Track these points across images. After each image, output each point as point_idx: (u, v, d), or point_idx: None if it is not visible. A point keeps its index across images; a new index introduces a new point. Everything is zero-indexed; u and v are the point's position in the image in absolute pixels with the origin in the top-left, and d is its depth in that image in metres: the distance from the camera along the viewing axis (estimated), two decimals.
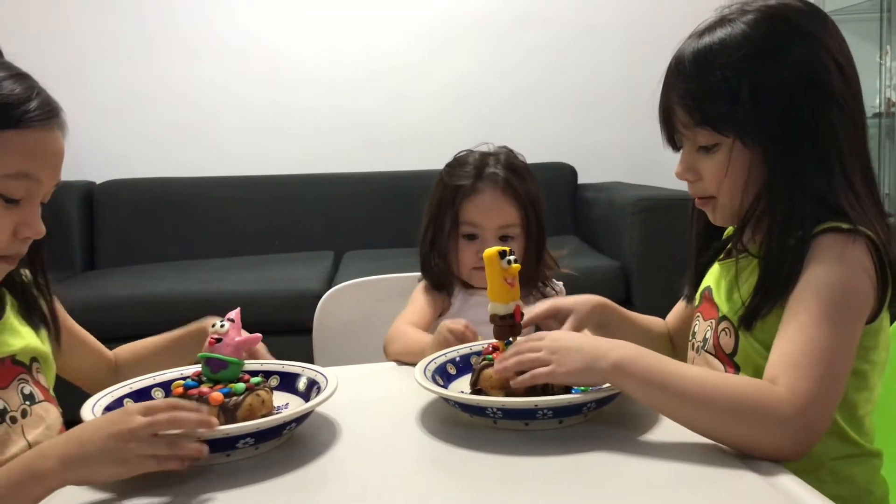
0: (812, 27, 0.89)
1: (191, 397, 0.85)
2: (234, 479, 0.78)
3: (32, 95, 0.85)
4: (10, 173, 0.83)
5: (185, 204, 3.15)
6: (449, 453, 0.84)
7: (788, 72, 0.87)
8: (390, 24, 3.32)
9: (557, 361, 0.85)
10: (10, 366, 0.91)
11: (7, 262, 0.89)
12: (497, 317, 0.97)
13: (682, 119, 0.92)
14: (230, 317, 0.90)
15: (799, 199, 0.87)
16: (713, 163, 0.91)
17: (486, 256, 0.95)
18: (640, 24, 3.35)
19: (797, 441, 0.76)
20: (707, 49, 0.89)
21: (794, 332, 0.81)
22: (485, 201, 1.31)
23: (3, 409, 0.88)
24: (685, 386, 0.79)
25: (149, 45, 3.25)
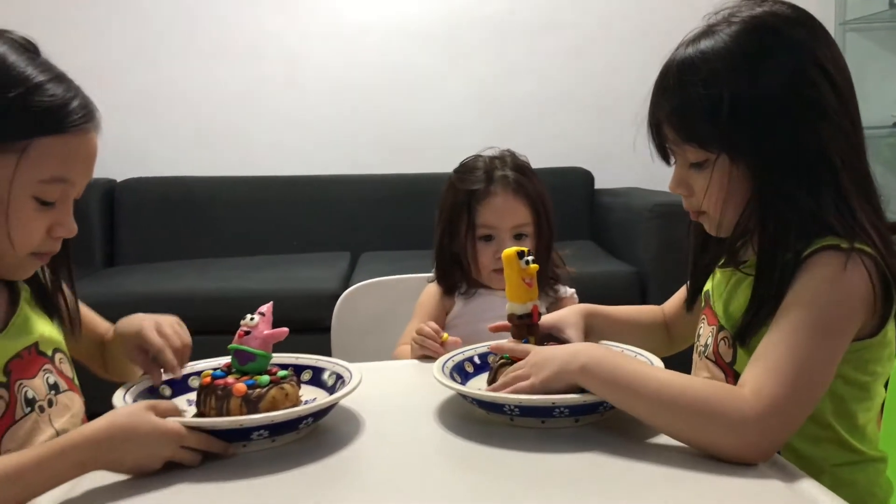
0: (799, 36, 0.86)
1: (217, 387, 0.87)
2: (251, 469, 0.81)
3: (73, 99, 0.86)
4: (46, 178, 0.85)
5: (205, 203, 3.19)
6: (467, 449, 0.86)
7: (771, 84, 0.84)
8: (410, 27, 3.35)
9: (535, 373, 0.88)
10: (35, 356, 0.93)
11: (40, 259, 0.91)
12: (515, 316, 0.99)
13: (670, 135, 0.91)
14: (261, 311, 0.92)
15: (788, 215, 0.85)
16: (703, 179, 0.90)
17: (505, 257, 0.97)
18: (660, 30, 3.35)
19: (756, 443, 0.76)
20: (690, 62, 0.88)
21: (772, 341, 0.81)
22: (497, 203, 1.35)
23: (32, 398, 0.90)
24: (649, 387, 0.81)
25: (172, 47, 3.30)
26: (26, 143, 0.83)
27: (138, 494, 0.75)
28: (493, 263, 1.35)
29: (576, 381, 0.86)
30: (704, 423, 0.78)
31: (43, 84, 0.84)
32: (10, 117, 0.82)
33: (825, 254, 0.83)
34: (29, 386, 0.90)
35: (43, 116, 0.84)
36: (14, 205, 0.84)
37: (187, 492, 0.76)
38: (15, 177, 0.83)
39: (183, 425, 0.81)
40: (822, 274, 0.82)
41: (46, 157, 0.84)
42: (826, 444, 0.89)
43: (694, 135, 0.88)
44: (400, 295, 1.57)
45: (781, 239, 0.86)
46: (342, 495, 0.78)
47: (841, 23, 3.32)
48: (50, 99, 0.84)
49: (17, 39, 0.87)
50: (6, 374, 0.87)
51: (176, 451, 0.80)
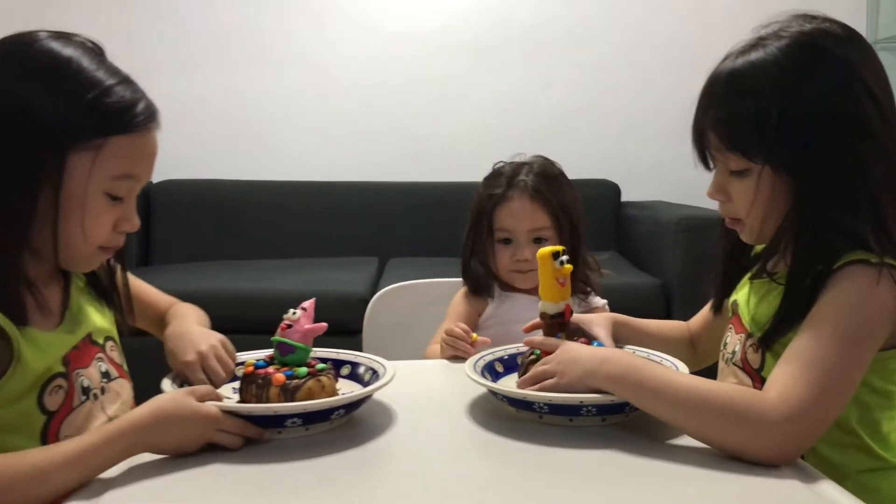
0: (846, 55, 0.89)
1: (258, 377, 0.92)
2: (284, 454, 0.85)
3: (140, 100, 0.91)
4: (117, 175, 0.90)
5: (237, 206, 3.26)
6: (496, 443, 0.89)
7: (818, 101, 0.87)
8: (442, 38, 3.40)
9: (560, 373, 0.92)
10: (89, 345, 0.98)
11: (106, 252, 0.96)
12: (547, 315, 1.02)
13: (714, 143, 0.93)
14: (303, 306, 0.96)
15: (824, 228, 0.87)
16: (743, 187, 0.93)
17: (540, 256, 1.00)
18: (689, 45, 3.37)
19: (781, 447, 0.79)
20: (739, 73, 0.90)
21: (800, 348, 0.83)
22: (514, 207, 1.39)
23: (87, 386, 0.95)
24: (676, 392, 0.83)
25: (207, 53, 3.38)
26: (101, 141, 0.88)
27: (178, 471, 0.80)
28: (511, 265, 1.40)
29: (602, 388, 0.89)
30: (730, 426, 0.80)
31: (113, 86, 0.89)
32: (89, 118, 0.87)
33: (856, 267, 0.86)
34: (84, 375, 0.95)
35: (115, 117, 0.88)
36: (89, 200, 0.89)
37: (223, 471, 0.81)
38: (91, 173, 0.88)
39: (220, 410, 0.85)
40: (851, 286, 0.85)
41: (118, 155, 0.89)
42: (851, 451, 0.91)
43: (738, 144, 0.91)
44: (430, 298, 1.60)
45: (816, 251, 0.88)
46: (372, 482, 0.81)
47: (873, 41, 3.32)
48: (120, 100, 0.89)
49: (86, 43, 0.92)
50: (65, 365, 0.92)
51: (214, 434, 0.85)
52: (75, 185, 0.87)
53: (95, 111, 0.87)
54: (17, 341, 0.86)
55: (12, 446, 0.83)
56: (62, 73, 0.87)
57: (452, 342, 1.25)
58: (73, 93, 0.86)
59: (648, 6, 3.41)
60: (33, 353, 0.87)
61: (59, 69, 0.87)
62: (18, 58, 0.87)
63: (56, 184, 0.86)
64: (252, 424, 0.87)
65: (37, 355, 0.88)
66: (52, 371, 0.90)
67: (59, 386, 0.91)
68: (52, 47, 0.88)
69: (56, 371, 0.91)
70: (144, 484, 0.78)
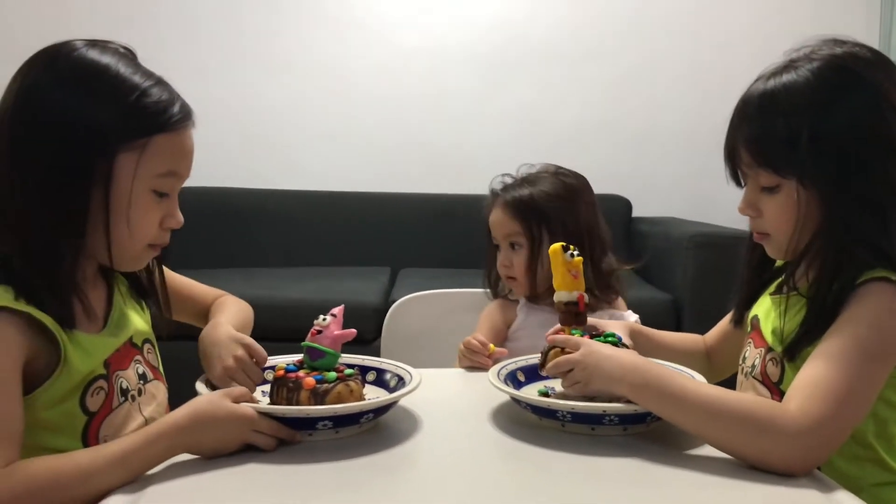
0: (876, 77, 0.92)
1: (288, 380, 0.94)
2: (315, 455, 0.88)
3: (176, 99, 0.95)
4: (162, 172, 0.93)
5: (249, 214, 3.29)
6: (519, 449, 0.92)
7: (848, 121, 0.90)
8: (457, 52, 3.44)
9: (584, 381, 0.95)
10: (129, 348, 1.01)
11: (154, 250, 0.99)
12: (562, 303, 1.07)
13: (746, 159, 0.97)
14: (333, 312, 0.99)
15: (851, 245, 0.90)
16: (774, 203, 0.96)
17: (551, 251, 1.07)
18: (701, 64, 3.41)
19: (800, 458, 0.81)
20: (772, 94, 0.94)
21: (820, 361, 0.86)
22: (493, 216, 1.48)
23: (126, 388, 0.97)
24: (700, 401, 0.86)
25: (224, 61, 3.42)
26: (145, 140, 0.91)
27: (216, 470, 0.83)
28: (503, 271, 1.46)
29: (625, 396, 0.91)
30: (751, 436, 0.82)
31: (151, 87, 0.93)
32: (132, 120, 0.91)
33: (878, 284, 0.88)
34: (123, 377, 0.98)
35: (156, 116, 0.92)
36: (136, 198, 0.92)
37: (257, 471, 0.84)
38: (137, 172, 0.91)
39: (256, 411, 0.88)
40: (872, 303, 0.88)
41: (161, 153, 0.93)
42: (866, 464, 0.93)
43: (770, 161, 0.94)
44: (449, 308, 1.63)
45: (841, 266, 0.91)
46: (399, 485, 0.83)
47: None
48: (158, 101, 0.92)
49: (119, 49, 0.96)
50: (106, 367, 0.95)
51: (250, 435, 0.87)
52: (124, 185, 0.91)
53: (138, 113, 0.91)
54: (64, 344, 0.88)
55: (55, 446, 0.86)
56: (104, 80, 0.90)
57: (469, 354, 1.28)
58: (115, 97, 0.90)
59: (662, 25, 3.44)
60: (79, 355, 0.90)
61: (101, 76, 0.90)
62: (61, 68, 0.90)
63: (106, 185, 0.89)
64: (285, 426, 0.90)
65: (82, 358, 0.90)
66: (94, 373, 0.92)
67: (101, 388, 0.93)
68: (91, 56, 0.91)
69: (98, 373, 0.93)
70: (183, 482, 0.80)
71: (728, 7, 3.43)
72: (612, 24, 3.44)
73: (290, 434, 0.90)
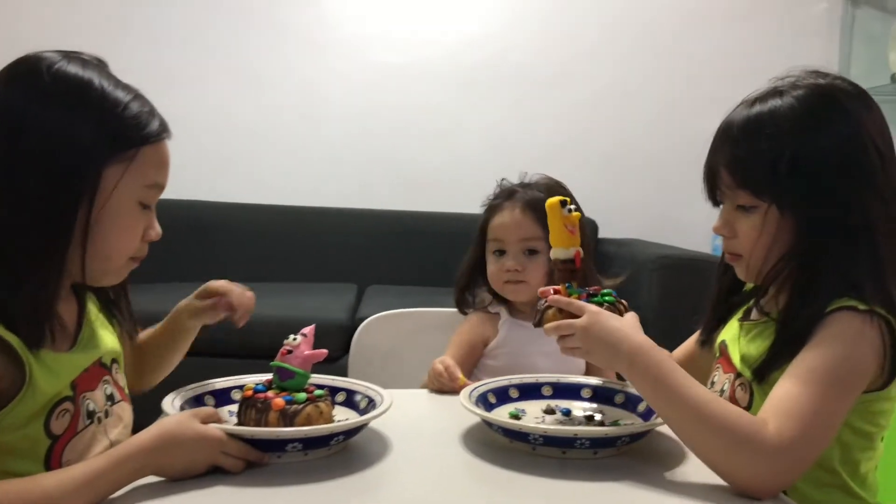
0: (856, 109, 0.95)
1: (257, 400, 0.93)
2: (284, 478, 0.86)
3: (154, 111, 0.95)
4: (148, 184, 0.94)
5: (217, 228, 3.25)
6: (490, 472, 0.91)
7: (829, 149, 0.93)
8: (430, 71, 3.45)
9: (585, 349, 0.94)
10: (99, 368, 0.98)
11: (134, 262, 0.98)
12: (559, 261, 1.04)
13: (726, 180, 0.98)
14: (304, 332, 0.98)
15: (823, 271, 0.92)
16: (749, 223, 0.98)
17: (549, 205, 1.03)
18: (670, 88, 3.48)
19: (773, 479, 0.82)
20: (756, 118, 0.96)
21: (792, 385, 0.87)
22: (505, 216, 1.42)
23: (93, 409, 0.94)
24: (692, 402, 0.86)
25: (193, 73, 3.38)
26: (133, 153, 0.91)
27: (180, 493, 0.81)
28: (502, 276, 1.41)
29: (623, 374, 0.92)
30: (730, 447, 0.83)
31: (132, 101, 0.92)
32: (120, 132, 0.90)
33: (846, 313, 0.90)
34: (91, 398, 0.95)
35: (140, 129, 0.92)
36: (124, 211, 0.92)
37: (225, 493, 0.82)
38: (125, 185, 0.91)
39: (224, 433, 0.86)
40: (840, 331, 0.89)
41: (147, 165, 0.93)
42: (832, 490, 0.95)
43: (749, 181, 0.95)
44: (418, 327, 1.62)
45: (811, 295, 0.92)
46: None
47: None
48: (140, 113, 0.92)
49: (93, 61, 0.94)
50: (72, 388, 0.91)
51: (218, 457, 0.86)
52: (112, 200, 0.90)
53: (123, 126, 0.90)
54: (30, 366, 0.85)
55: (16, 470, 0.83)
56: (89, 95, 0.89)
57: (438, 379, 1.26)
58: (101, 112, 0.89)
59: (632, 49, 3.50)
60: (45, 376, 0.87)
61: (86, 92, 0.89)
62: (44, 84, 0.88)
63: (91, 201, 0.88)
64: (253, 448, 0.88)
65: (49, 379, 0.87)
66: (60, 395, 0.89)
67: (66, 410, 0.90)
68: (71, 71, 0.89)
69: (64, 395, 0.90)
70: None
71: (694, 33, 3.50)
72: (582, 46, 3.49)
73: (258, 456, 0.89)
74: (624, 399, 1.08)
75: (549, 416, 1.06)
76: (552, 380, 1.15)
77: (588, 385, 1.13)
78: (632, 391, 1.08)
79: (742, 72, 3.67)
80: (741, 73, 3.71)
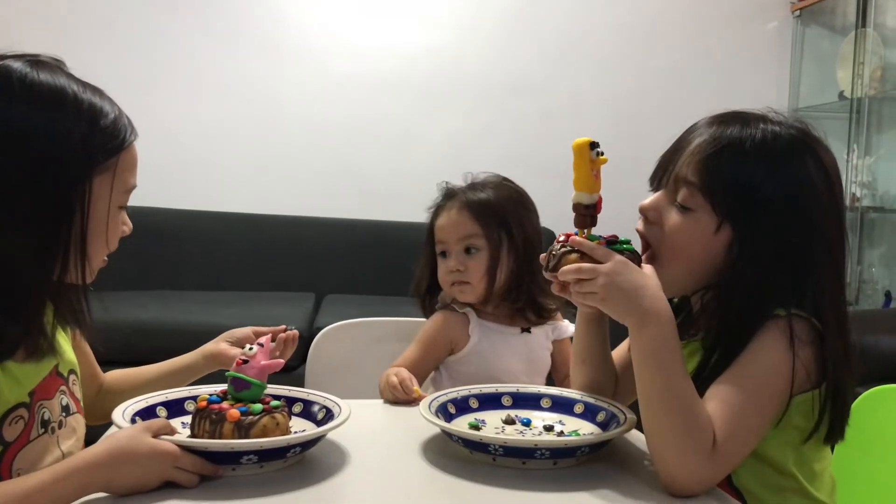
0: (819, 149, 0.98)
1: (211, 412, 0.90)
2: (238, 491, 0.84)
3: (121, 113, 0.95)
4: (129, 188, 0.96)
5: (171, 235, 3.18)
6: (451, 484, 0.90)
7: (800, 179, 0.94)
8: (391, 81, 3.45)
9: (602, 296, 0.90)
10: (55, 377, 0.96)
11: (105, 260, 1.00)
12: (581, 206, 0.99)
13: (679, 172, 0.98)
14: (260, 341, 0.96)
15: (759, 292, 0.93)
16: (676, 219, 0.97)
17: (576, 145, 0.98)
18: (624, 97, 3.54)
19: (699, 479, 0.86)
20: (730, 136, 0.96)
21: (720, 393, 0.90)
22: (445, 217, 1.41)
23: (47, 419, 0.92)
24: (671, 387, 0.87)
25: (147, 78, 3.32)
26: (115, 160, 0.93)
27: None
28: (448, 277, 1.39)
29: (627, 325, 0.91)
30: (685, 446, 0.85)
31: (103, 106, 0.92)
32: (100, 140, 0.90)
33: (774, 321, 0.92)
34: (47, 407, 0.93)
35: (117, 134, 0.93)
36: (106, 216, 0.93)
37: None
38: (108, 191, 0.92)
39: (177, 446, 0.84)
40: (766, 340, 0.91)
41: (126, 169, 0.95)
42: (788, 494, 0.96)
43: (705, 187, 0.95)
44: (376, 336, 1.61)
45: (745, 314, 0.94)
46: None
47: (794, 109, 3.54)
48: (113, 118, 0.93)
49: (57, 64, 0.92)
50: (30, 396, 0.90)
51: (171, 472, 0.83)
52: (100, 207, 0.91)
53: (102, 133, 0.91)
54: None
55: None
56: (66, 104, 0.88)
57: (391, 391, 1.24)
58: (79, 121, 0.88)
59: (586, 60, 3.55)
60: (9, 385, 0.85)
61: (62, 100, 0.88)
62: (16, 95, 0.85)
63: (85, 214, 0.89)
64: (207, 462, 0.86)
65: (11, 388, 0.86)
66: (18, 401, 0.88)
67: (20, 416, 0.88)
68: (44, 78, 0.87)
69: (21, 401, 0.88)
70: None
71: (648, 48, 3.57)
72: (538, 56, 3.53)
73: (212, 469, 0.86)
74: (583, 409, 1.08)
75: (509, 427, 1.06)
76: (512, 390, 1.14)
77: (548, 395, 1.13)
78: (590, 400, 1.08)
79: (695, 87, 3.78)
80: (694, 87, 3.81)
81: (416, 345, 1.40)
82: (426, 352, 1.40)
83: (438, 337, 1.41)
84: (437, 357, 1.41)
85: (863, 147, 3.33)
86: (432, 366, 1.42)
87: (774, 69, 3.61)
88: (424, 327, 1.44)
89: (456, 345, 1.41)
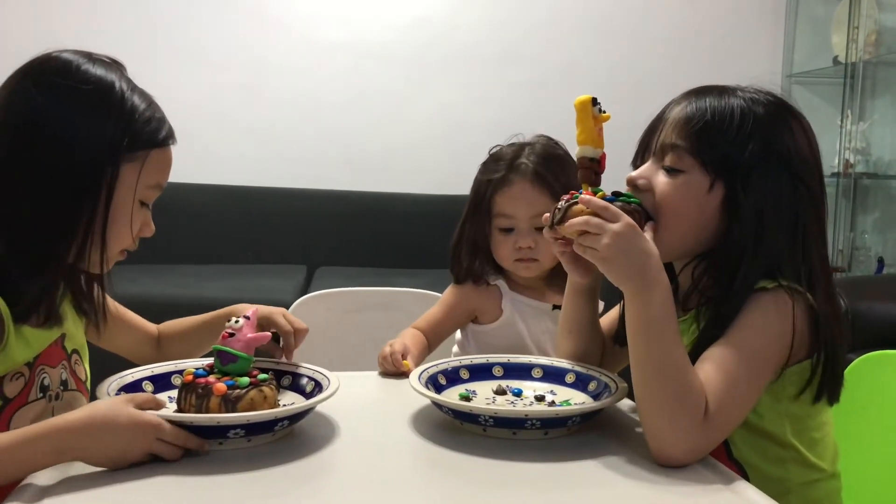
0: (801, 118, 0.99)
1: (198, 386, 0.89)
2: (226, 466, 0.83)
3: (164, 118, 1.02)
4: (151, 184, 1.00)
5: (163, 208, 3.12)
6: (441, 455, 0.90)
7: (795, 147, 0.96)
8: (381, 50, 3.40)
9: (604, 254, 0.88)
10: (60, 349, 0.99)
11: (122, 255, 1.04)
12: (586, 159, 0.99)
13: (665, 140, 0.97)
14: (246, 314, 0.95)
15: (747, 261, 0.92)
16: (670, 182, 0.96)
17: (579, 102, 0.98)
18: (618, 66, 3.50)
19: (691, 449, 0.85)
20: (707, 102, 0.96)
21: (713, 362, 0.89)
22: (514, 192, 1.33)
23: (47, 385, 0.96)
24: (666, 356, 0.86)
25: (135, 52, 3.21)
26: (145, 154, 0.98)
27: (118, 483, 0.78)
28: (514, 254, 1.34)
29: (625, 290, 0.90)
30: (677, 414, 0.85)
31: (148, 106, 1.00)
32: (137, 134, 0.97)
33: (766, 293, 0.92)
34: (48, 373, 0.96)
35: (154, 133, 1.00)
36: (127, 206, 0.98)
37: (163, 483, 0.79)
38: (133, 182, 0.98)
39: (161, 418, 0.83)
40: (759, 310, 0.91)
41: (154, 167, 1.00)
42: (790, 464, 0.95)
43: (695, 146, 0.95)
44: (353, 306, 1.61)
45: (736, 283, 0.93)
46: (316, 495, 0.81)
47: (788, 75, 3.51)
48: (152, 118, 1.00)
49: (112, 62, 1.01)
50: (34, 358, 0.94)
51: (154, 444, 0.82)
52: (123, 194, 0.96)
53: (141, 128, 0.98)
54: (9, 334, 0.89)
55: None
56: (113, 98, 0.96)
57: (382, 360, 1.23)
58: (122, 114, 0.96)
59: (581, 29, 3.50)
60: (21, 348, 0.91)
61: (109, 94, 0.96)
62: (71, 86, 0.94)
63: (109, 196, 0.95)
64: (193, 435, 0.85)
65: (22, 350, 0.91)
66: (24, 361, 0.93)
67: (21, 374, 0.92)
68: (95, 74, 0.96)
69: (25, 361, 0.93)
70: (81, 496, 0.75)
71: (641, 15, 3.52)
72: (532, 26, 3.48)
73: (198, 443, 0.85)
74: (574, 378, 1.08)
75: (499, 397, 1.05)
76: (503, 360, 1.14)
77: (538, 365, 1.12)
78: (581, 370, 1.08)
79: (688, 53, 3.74)
80: (688, 54, 3.77)
81: (439, 306, 1.40)
82: (446, 316, 1.39)
83: (461, 306, 1.40)
84: (457, 323, 1.41)
85: (857, 113, 3.31)
86: (451, 330, 1.42)
87: (769, 35, 3.57)
88: (446, 294, 1.42)
89: (483, 315, 1.39)
